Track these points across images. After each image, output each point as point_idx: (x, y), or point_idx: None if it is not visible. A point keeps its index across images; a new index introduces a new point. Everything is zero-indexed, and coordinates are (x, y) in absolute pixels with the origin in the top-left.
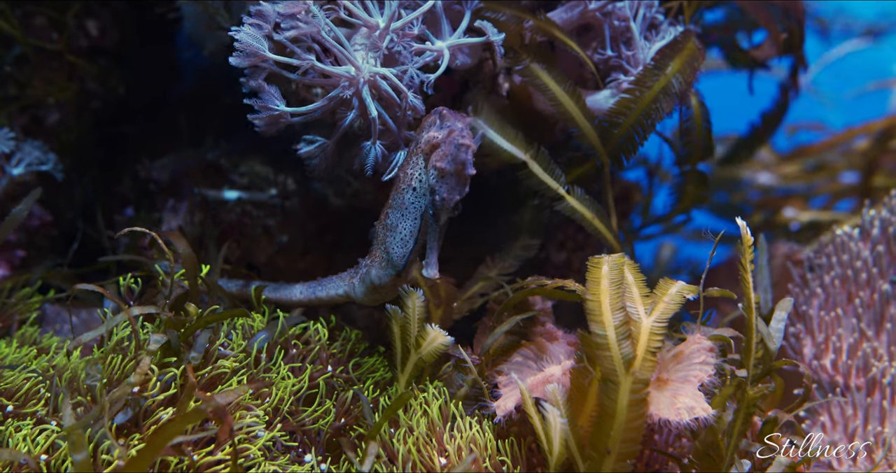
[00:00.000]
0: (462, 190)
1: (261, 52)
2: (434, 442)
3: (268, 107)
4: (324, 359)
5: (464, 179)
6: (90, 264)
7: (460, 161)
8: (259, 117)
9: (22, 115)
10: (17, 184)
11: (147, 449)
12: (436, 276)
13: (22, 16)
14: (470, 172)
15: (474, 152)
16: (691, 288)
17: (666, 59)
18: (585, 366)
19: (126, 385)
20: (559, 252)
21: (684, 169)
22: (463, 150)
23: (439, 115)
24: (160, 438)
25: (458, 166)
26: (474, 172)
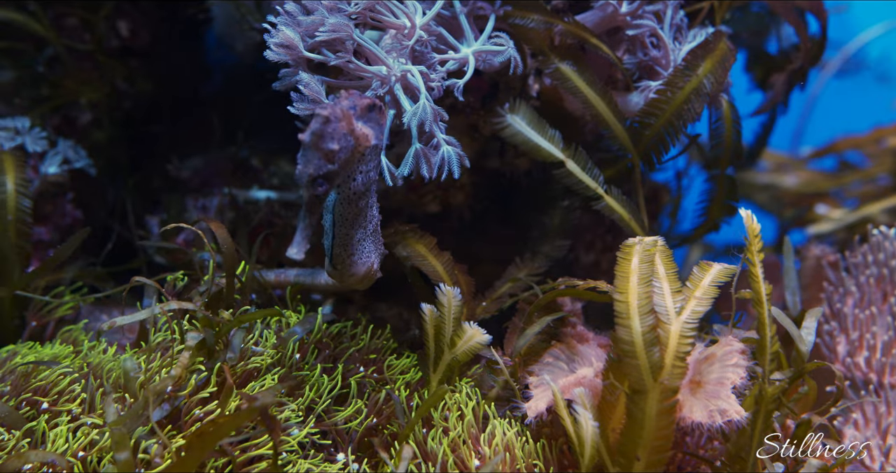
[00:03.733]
0: (320, 164)
1: (299, 47)
2: (469, 443)
3: (317, 99)
4: (355, 359)
5: (323, 152)
6: (120, 263)
7: (316, 132)
8: (304, 108)
9: (54, 116)
10: (49, 184)
11: (195, 450)
12: (295, 258)
13: (54, 17)
14: (329, 147)
15: (345, 128)
16: (728, 270)
17: (697, 60)
18: (616, 370)
19: (167, 378)
20: (588, 253)
21: (713, 172)
22: (318, 121)
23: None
24: (209, 438)
25: (314, 137)
26: (336, 148)
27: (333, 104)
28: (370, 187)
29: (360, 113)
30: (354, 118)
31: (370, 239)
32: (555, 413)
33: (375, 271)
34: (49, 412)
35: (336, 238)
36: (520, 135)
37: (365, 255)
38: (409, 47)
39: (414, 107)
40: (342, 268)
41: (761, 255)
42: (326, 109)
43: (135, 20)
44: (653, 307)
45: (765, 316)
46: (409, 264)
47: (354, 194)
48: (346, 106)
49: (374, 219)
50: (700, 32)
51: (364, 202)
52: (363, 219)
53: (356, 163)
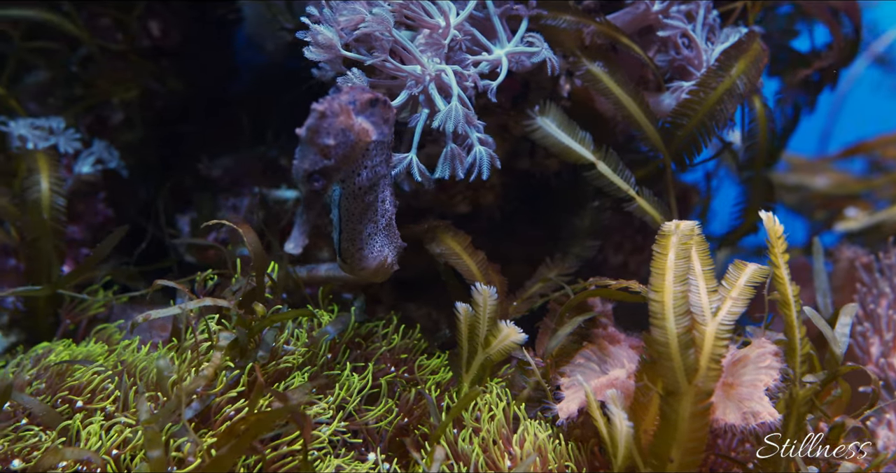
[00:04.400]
0: (315, 160)
1: (337, 47)
2: (501, 444)
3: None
4: (386, 359)
5: (318, 148)
6: (150, 262)
7: (311, 127)
8: None
9: (87, 115)
10: (82, 183)
11: (231, 450)
12: (293, 252)
13: (87, 17)
14: (325, 142)
15: (342, 124)
16: (764, 270)
17: (731, 60)
18: (649, 371)
19: (200, 378)
20: (616, 254)
21: (747, 174)
22: (314, 115)
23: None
24: (244, 438)
25: (309, 133)
26: (332, 143)
27: (331, 99)
28: (378, 182)
29: (361, 108)
30: (354, 113)
31: (382, 234)
32: (586, 415)
33: (390, 264)
34: (83, 410)
35: (343, 233)
36: (550, 137)
37: (377, 250)
38: (444, 47)
39: (448, 107)
40: (352, 262)
41: (786, 256)
42: (323, 104)
43: (166, 20)
44: (689, 308)
45: (792, 318)
46: (443, 262)
47: (360, 189)
48: (345, 101)
49: (386, 213)
50: (733, 32)
51: (371, 197)
52: (372, 214)
53: (360, 159)
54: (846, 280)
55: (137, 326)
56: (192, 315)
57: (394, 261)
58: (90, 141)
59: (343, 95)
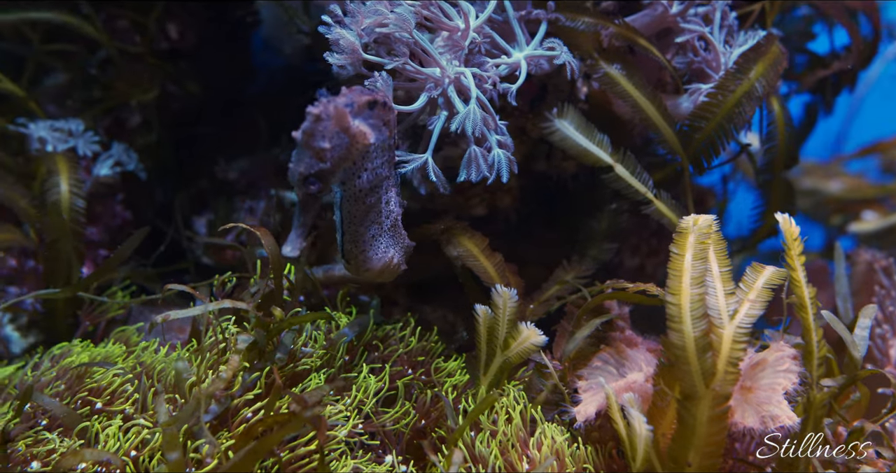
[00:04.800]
0: (311, 163)
1: (359, 51)
2: (518, 447)
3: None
4: (403, 361)
5: (314, 151)
6: (167, 263)
7: (306, 130)
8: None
9: (105, 118)
10: (100, 185)
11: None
12: (290, 255)
13: (106, 19)
14: (320, 145)
15: (337, 126)
16: (781, 272)
17: (749, 63)
18: (667, 375)
19: (218, 380)
20: (633, 257)
21: (765, 177)
22: (309, 119)
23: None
24: (263, 443)
25: (305, 136)
26: (327, 146)
27: (327, 102)
28: (380, 184)
29: (358, 110)
30: (351, 116)
31: (387, 235)
32: (604, 418)
33: (396, 265)
34: (103, 412)
35: (345, 234)
36: (568, 140)
37: (381, 251)
38: (463, 49)
39: (466, 109)
40: (355, 264)
41: (802, 259)
42: (318, 107)
43: (183, 22)
44: (706, 311)
45: (809, 321)
46: (461, 264)
47: (360, 191)
48: (342, 103)
49: (391, 214)
50: (751, 35)
51: (373, 199)
52: (375, 216)
53: (359, 161)
54: (864, 283)
55: (155, 327)
56: (211, 317)
57: (401, 262)
58: (108, 143)
59: (340, 98)
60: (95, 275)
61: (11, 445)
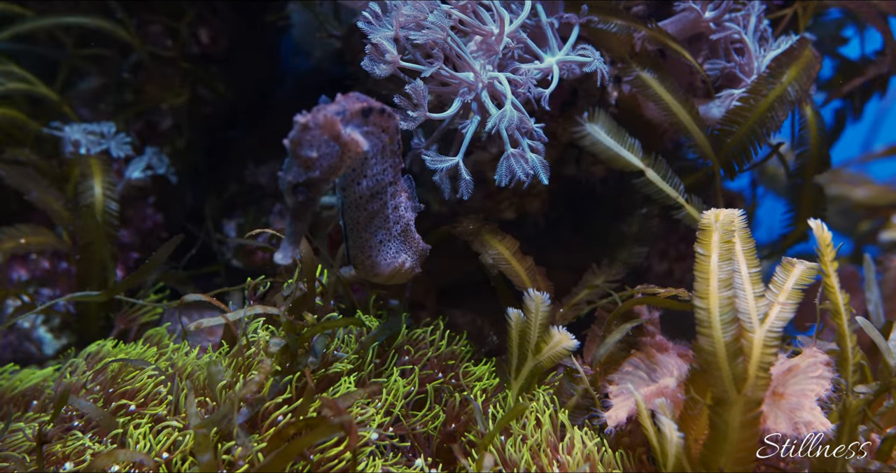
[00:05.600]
0: (298, 172)
1: (397, 59)
2: (549, 452)
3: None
4: (433, 365)
5: (301, 160)
6: (197, 266)
7: (293, 140)
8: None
9: (137, 121)
10: (132, 187)
11: (279, 457)
12: (282, 263)
13: (139, 24)
14: (307, 154)
15: (326, 135)
16: (812, 270)
17: (782, 68)
18: (698, 380)
19: (251, 384)
20: (661, 262)
21: (796, 182)
22: (296, 128)
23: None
24: (293, 447)
25: (292, 145)
26: (314, 155)
27: (316, 110)
28: (383, 190)
29: (350, 118)
30: (342, 124)
31: (397, 241)
32: (635, 423)
33: (408, 269)
34: (136, 413)
35: (350, 240)
36: (599, 144)
37: (390, 257)
38: (498, 54)
39: (500, 112)
40: (363, 269)
41: (835, 265)
42: (305, 116)
43: (214, 27)
44: (736, 315)
45: (844, 328)
46: (495, 271)
47: (361, 198)
48: (332, 111)
49: (401, 219)
50: (784, 40)
51: (376, 205)
52: (381, 222)
53: (360, 168)
54: (895, 289)
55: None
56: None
57: (414, 265)
58: (140, 147)
59: (332, 106)
60: (130, 280)
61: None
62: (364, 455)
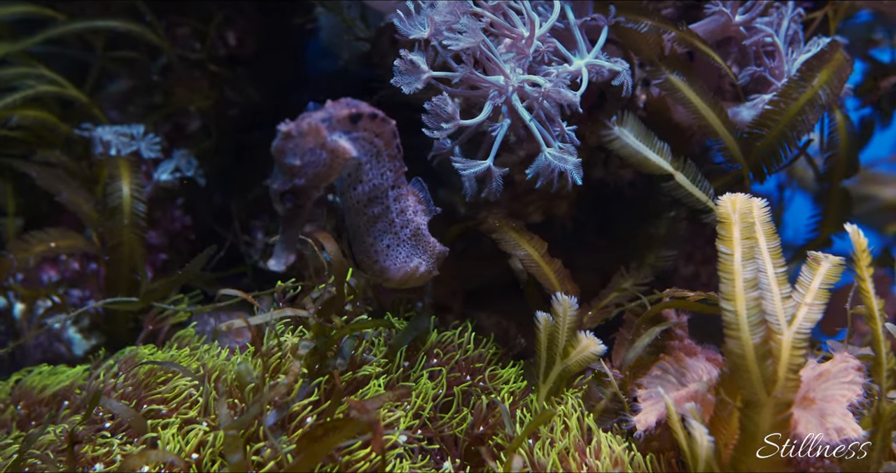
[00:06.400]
0: (284, 180)
1: (428, 71)
2: (577, 456)
3: (446, 113)
4: (461, 367)
5: (285, 168)
6: (225, 267)
7: (276, 148)
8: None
9: (165, 123)
10: (160, 189)
11: (307, 457)
12: (275, 269)
13: (167, 26)
14: (290, 163)
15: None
16: (837, 269)
17: (813, 71)
18: (728, 384)
19: (280, 386)
20: (687, 265)
21: (824, 186)
22: (279, 137)
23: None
24: (321, 446)
25: (276, 153)
26: (298, 163)
27: (300, 118)
28: (382, 194)
29: (338, 124)
30: (328, 131)
31: (407, 245)
32: (664, 427)
33: (424, 273)
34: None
35: (353, 245)
36: (628, 147)
37: (400, 261)
38: (528, 57)
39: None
40: (373, 274)
41: (871, 270)
42: (288, 125)
43: (241, 29)
44: (763, 317)
45: (879, 332)
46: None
47: (359, 203)
48: (318, 119)
49: (410, 223)
50: (815, 42)
51: (376, 209)
52: (385, 226)
53: (355, 173)
54: None
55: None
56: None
57: (430, 269)
58: (169, 148)
59: (318, 113)
60: (164, 286)
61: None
62: (392, 457)
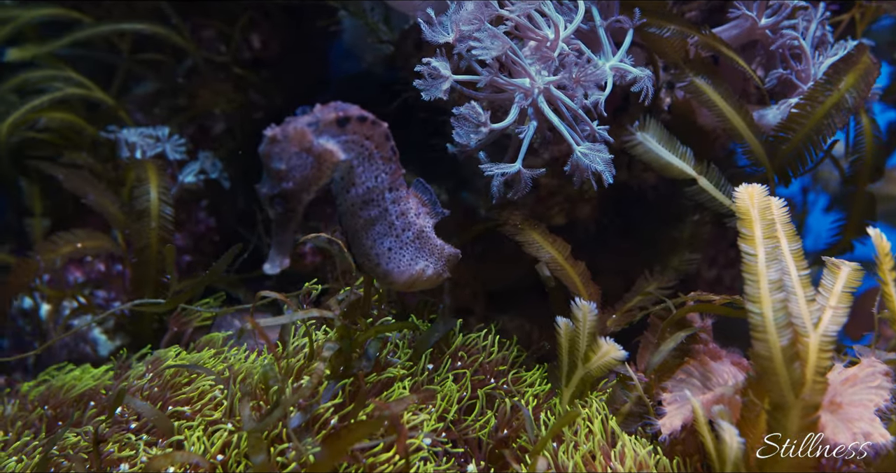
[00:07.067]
0: (272, 184)
1: (444, 74)
2: (601, 459)
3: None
4: (486, 370)
5: (272, 172)
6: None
7: (262, 153)
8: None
9: (190, 125)
10: (185, 191)
11: (328, 455)
12: (270, 272)
13: (192, 29)
14: (276, 167)
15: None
16: (858, 273)
17: (839, 74)
18: (755, 387)
19: (305, 389)
20: (710, 268)
21: (849, 190)
22: (264, 141)
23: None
24: (341, 443)
25: (263, 158)
26: (284, 168)
27: (286, 123)
28: (377, 197)
29: (324, 128)
30: (314, 135)
31: (411, 247)
32: (688, 431)
33: (432, 276)
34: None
35: (352, 248)
36: (650, 153)
37: (404, 264)
38: (554, 60)
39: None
40: (376, 277)
41: (894, 274)
42: (273, 130)
43: (266, 31)
44: (790, 319)
45: None
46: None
47: (353, 205)
48: (304, 123)
49: (412, 226)
50: (841, 46)
51: (373, 212)
52: (383, 228)
53: (348, 176)
54: None
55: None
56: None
57: (439, 271)
58: (194, 150)
59: (304, 117)
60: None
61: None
62: (416, 459)
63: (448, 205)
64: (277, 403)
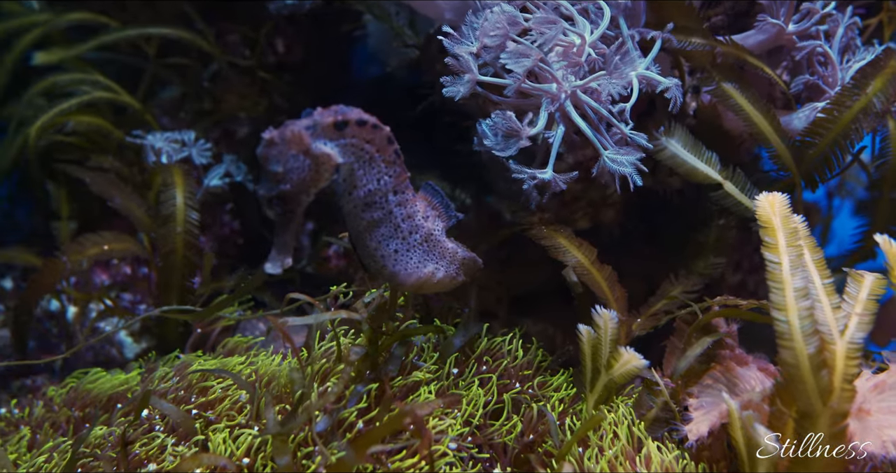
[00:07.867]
0: (270, 186)
1: (474, 74)
2: (627, 465)
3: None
4: (511, 374)
5: (269, 175)
6: None
7: (259, 155)
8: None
9: (215, 129)
10: (210, 194)
11: (348, 457)
12: (271, 272)
13: (217, 33)
14: (273, 169)
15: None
16: (881, 282)
17: (867, 78)
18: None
19: (331, 394)
20: (734, 273)
21: (873, 195)
22: (262, 143)
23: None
24: (362, 442)
25: (261, 160)
26: (281, 170)
27: (284, 126)
28: (383, 199)
29: (322, 131)
30: (312, 138)
31: (419, 250)
32: (715, 437)
33: (443, 279)
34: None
35: (357, 249)
36: (676, 157)
37: (412, 266)
38: (582, 66)
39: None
40: (383, 279)
41: None
42: (271, 133)
43: (289, 36)
44: (816, 327)
45: None
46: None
47: (356, 207)
48: (301, 126)
49: (419, 229)
50: (868, 50)
51: (376, 214)
52: (388, 230)
53: (349, 178)
54: None
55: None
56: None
57: (452, 275)
58: (219, 154)
59: (302, 120)
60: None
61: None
62: (442, 464)
63: (473, 210)
64: (298, 406)
